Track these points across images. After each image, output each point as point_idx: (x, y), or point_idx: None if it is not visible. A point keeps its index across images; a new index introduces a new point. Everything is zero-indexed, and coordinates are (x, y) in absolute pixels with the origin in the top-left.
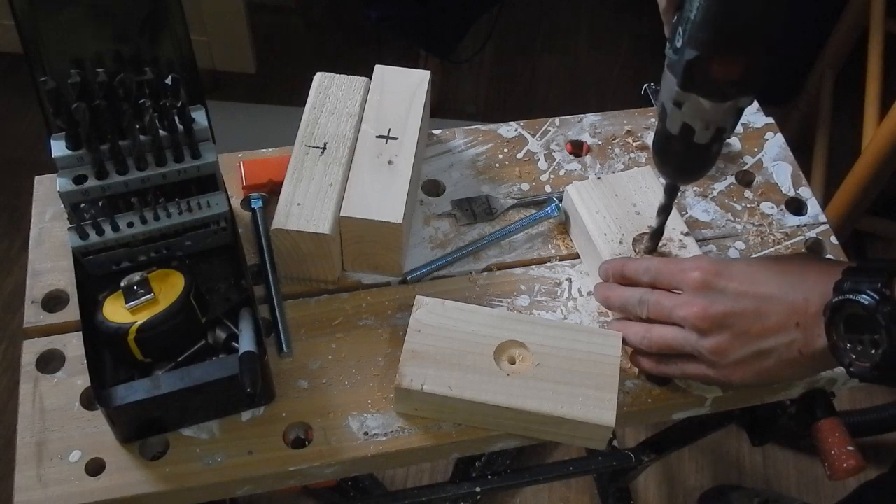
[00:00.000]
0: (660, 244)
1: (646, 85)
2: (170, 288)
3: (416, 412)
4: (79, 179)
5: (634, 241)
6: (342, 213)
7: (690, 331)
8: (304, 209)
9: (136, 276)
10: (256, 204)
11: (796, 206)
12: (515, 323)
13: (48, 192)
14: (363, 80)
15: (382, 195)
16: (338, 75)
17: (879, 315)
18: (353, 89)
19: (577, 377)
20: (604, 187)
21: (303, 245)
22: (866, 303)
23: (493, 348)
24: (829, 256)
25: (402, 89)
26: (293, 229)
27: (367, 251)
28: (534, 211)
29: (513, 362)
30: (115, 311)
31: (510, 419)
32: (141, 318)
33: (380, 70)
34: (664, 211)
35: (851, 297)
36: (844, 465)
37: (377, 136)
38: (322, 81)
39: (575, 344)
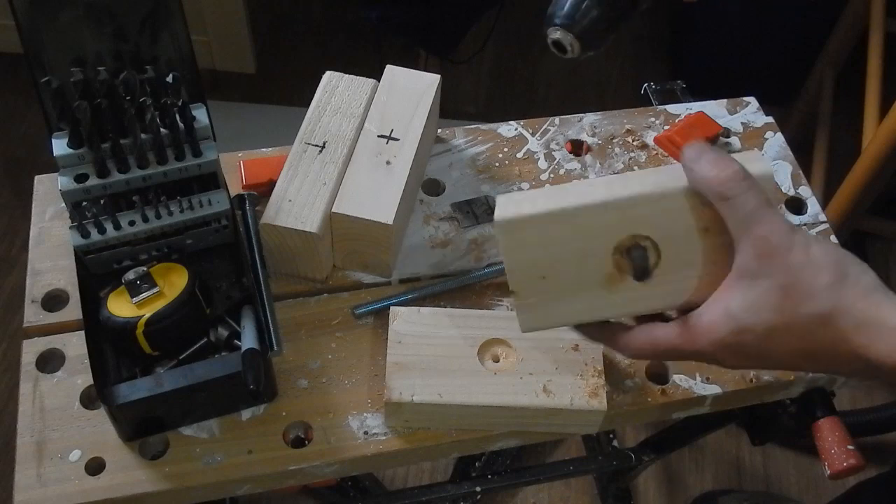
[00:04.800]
0: None
1: (645, 85)
2: (173, 281)
3: (407, 424)
4: (80, 178)
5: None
6: (334, 209)
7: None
8: (294, 206)
9: (138, 271)
10: (247, 201)
11: (796, 206)
12: (493, 321)
13: (48, 191)
14: (371, 81)
15: (376, 195)
16: (346, 75)
17: None
18: (359, 91)
19: (562, 366)
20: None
21: (290, 242)
22: None
23: (475, 349)
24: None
25: (410, 91)
26: (281, 225)
27: (357, 249)
28: None
29: (497, 360)
30: (121, 306)
31: (503, 417)
32: (148, 312)
33: (390, 70)
34: None
35: None
36: (844, 464)
37: (379, 136)
38: (330, 80)
39: (555, 333)
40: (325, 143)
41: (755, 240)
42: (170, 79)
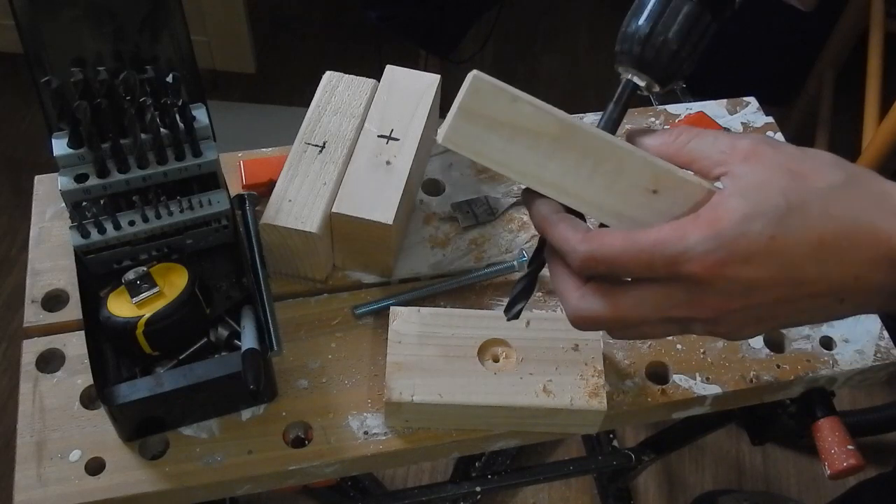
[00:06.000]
0: None
1: None
2: (173, 281)
3: (407, 424)
4: (80, 178)
5: None
6: (334, 209)
7: (689, 324)
8: (294, 206)
9: (138, 271)
10: (246, 201)
11: None
12: (494, 321)
13: (48, 191)
14: (371, 81)
15: (376, 194)
16: (346, 75)
17: None
18: (359, 90)
19: (562, 366)
20: None
21: (290, 242)
22: None
23: (475, 349)
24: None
25: (410, 91)
26: (281, 225)
27: (357, 249)
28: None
29: (497, 360)
30: (121, 306)
31: (503, 417)
32: (148, 312)
33: (390, 70)
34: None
35: None
36: (844, 464)
37: (379, 136)
38: (330, 80)
39: (555, 333)
40: (325, 143)
41: (738, 152)
42: (170, 79)
